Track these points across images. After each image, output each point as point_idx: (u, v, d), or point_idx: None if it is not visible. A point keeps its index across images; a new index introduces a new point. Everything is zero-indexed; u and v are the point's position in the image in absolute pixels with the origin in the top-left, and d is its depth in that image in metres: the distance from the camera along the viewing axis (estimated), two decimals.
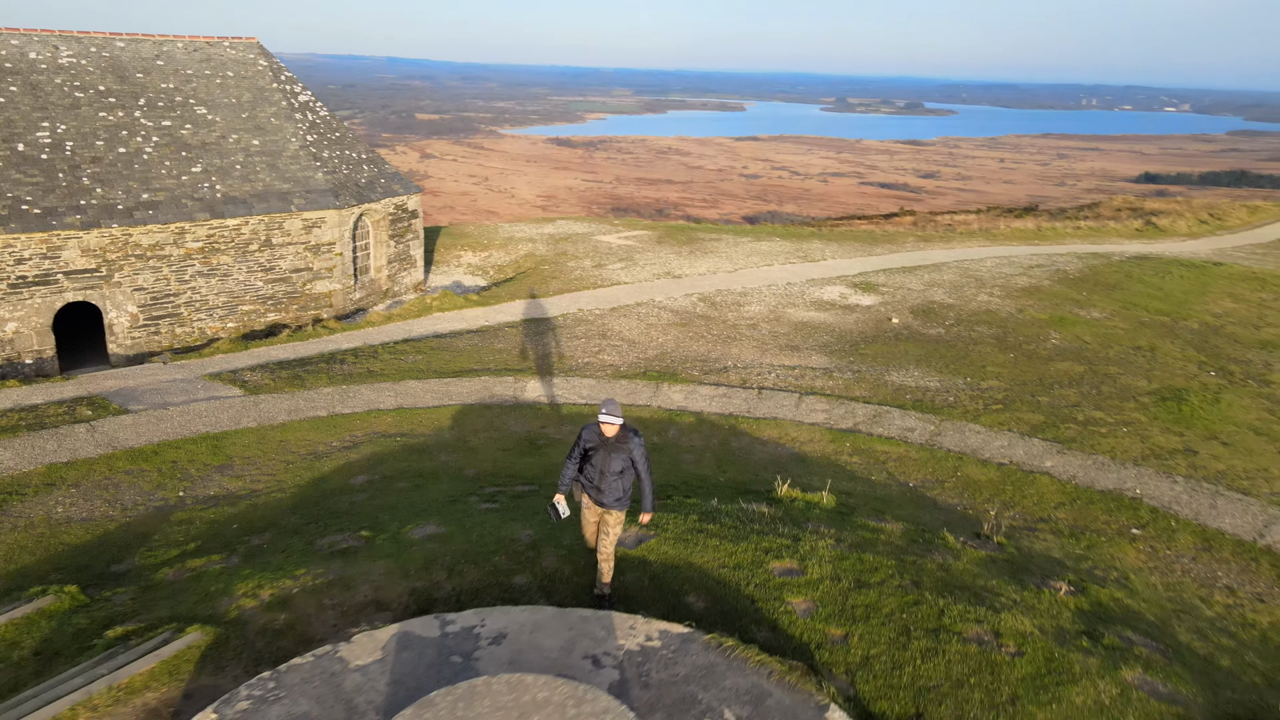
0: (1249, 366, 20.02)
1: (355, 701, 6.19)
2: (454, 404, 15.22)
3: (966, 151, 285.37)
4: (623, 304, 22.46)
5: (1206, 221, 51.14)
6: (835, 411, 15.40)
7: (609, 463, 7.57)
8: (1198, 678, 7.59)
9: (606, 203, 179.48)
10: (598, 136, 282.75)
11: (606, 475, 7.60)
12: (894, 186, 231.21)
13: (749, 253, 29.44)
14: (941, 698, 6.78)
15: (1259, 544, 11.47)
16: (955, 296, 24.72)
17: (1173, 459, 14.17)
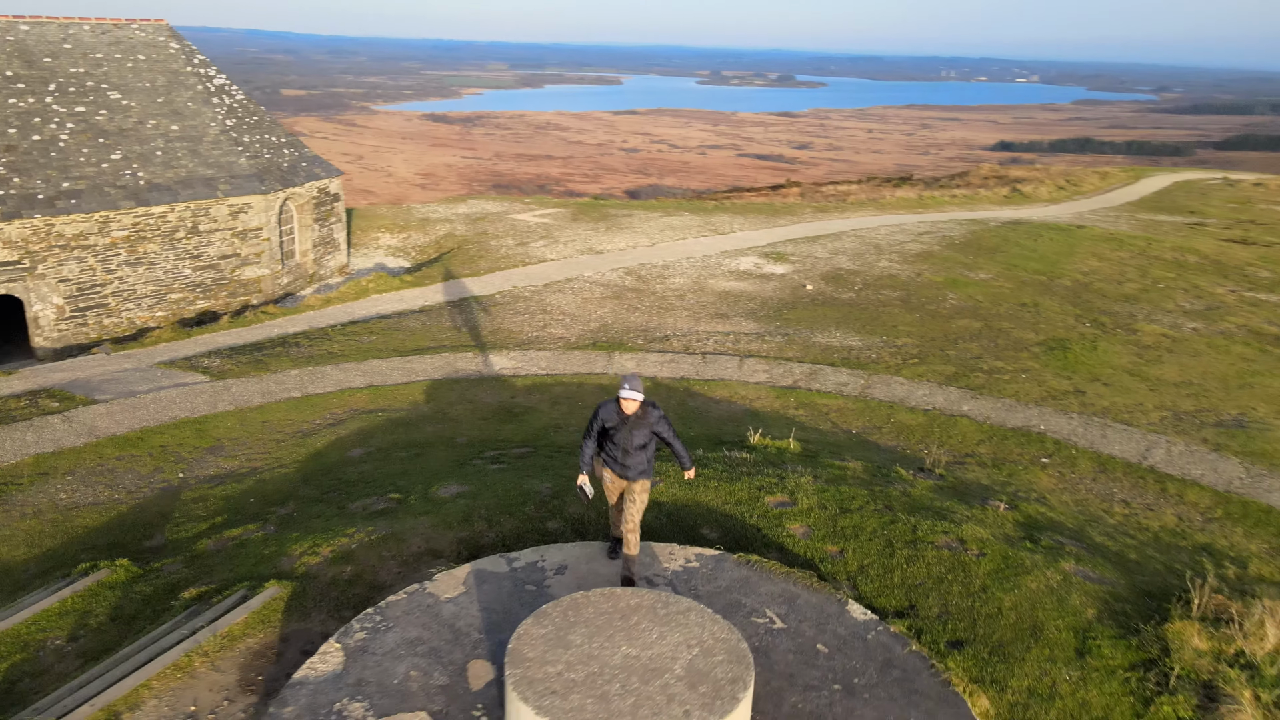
0: (1117, 318, 22.67)
1: (457, 625, 7.22)
2: (422, 380, 15.99)
3: (837, 123, 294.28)
4: (554, 280, 23.43)
5: (1064, 188, 55.42)
6: (775, 371, 16.94)
7: (631, 439, 7.49)
8: (1115, 566, 9.40)
9: (487, 179, 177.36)
10: (475, 112, 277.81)
11: (630, 451, 7.53)
12: (770, 158, 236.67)
13: (663, 227, 30.77)
14: (927, 592, 8.31)
15: (1144, 465, 13.62)
16: (859, 263, 26.72)
17: (1066, 399, 16.33)
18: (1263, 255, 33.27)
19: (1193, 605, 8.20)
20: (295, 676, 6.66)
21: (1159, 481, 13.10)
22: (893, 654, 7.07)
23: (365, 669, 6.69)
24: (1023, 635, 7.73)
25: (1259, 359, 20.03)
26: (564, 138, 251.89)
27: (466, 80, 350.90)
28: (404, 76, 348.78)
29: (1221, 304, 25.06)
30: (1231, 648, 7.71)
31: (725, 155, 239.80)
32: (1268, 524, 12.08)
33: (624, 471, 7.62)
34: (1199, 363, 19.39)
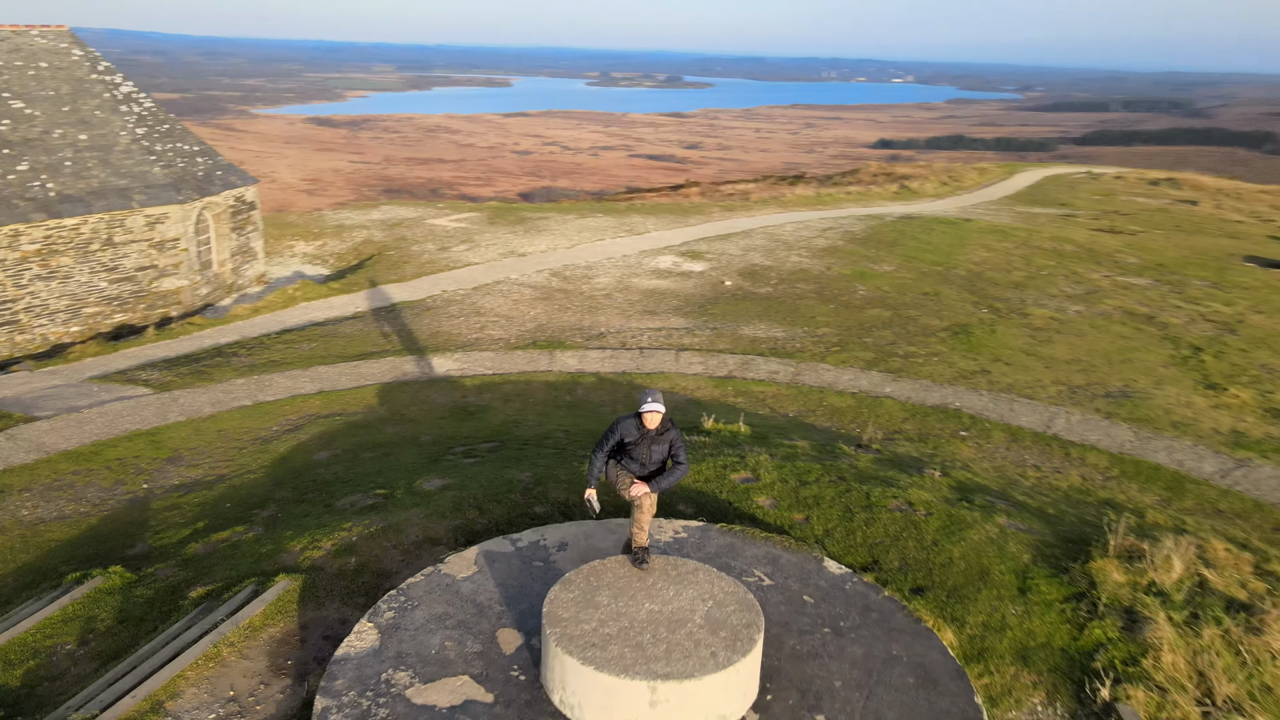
0: (1009, 303, 24.58)
1: (478, 600, 7.81)
2: (372, 383, 16.28)
3: (725, 122, 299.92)
4: (482, 283, 23.85)
5: (947, 183, 58.52)
6: (710, 363, 17.89)
7: (651, 454, 7.39)
8: (1039, 519, 10.66)
9: (378, 184, 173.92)
10: (361, 115, 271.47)
11: (648, 467, 7.42)
12: (662, 158, 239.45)
13: (579, 229, 31.46)
14: (887, 548, 9.34)
15: (1049, 433, 15.13)
16: (771, 259, 28.03)
17: (975, 378, 17.84)
18: (1129, 243, 36.22)
19: (1110, 546, 9.48)
20: (337, 653, 7.14)
21: (1063, 447, 14.61)
22: (869, 600, 8.03)
23: (402, 643, 7.23)
24: (973, 579, 8.83)
25: (1135, 336, 22.14)
26: (455, 141, 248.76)
27: (351, 82, 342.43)
28: (284, 79, 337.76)
29: (1098, 288, 27.38)
30: (1145, 579, 9.00)
31: (618, 156, 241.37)
32: (1156, 479, 13.69)
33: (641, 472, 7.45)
34: (1084, 341, 21.31)
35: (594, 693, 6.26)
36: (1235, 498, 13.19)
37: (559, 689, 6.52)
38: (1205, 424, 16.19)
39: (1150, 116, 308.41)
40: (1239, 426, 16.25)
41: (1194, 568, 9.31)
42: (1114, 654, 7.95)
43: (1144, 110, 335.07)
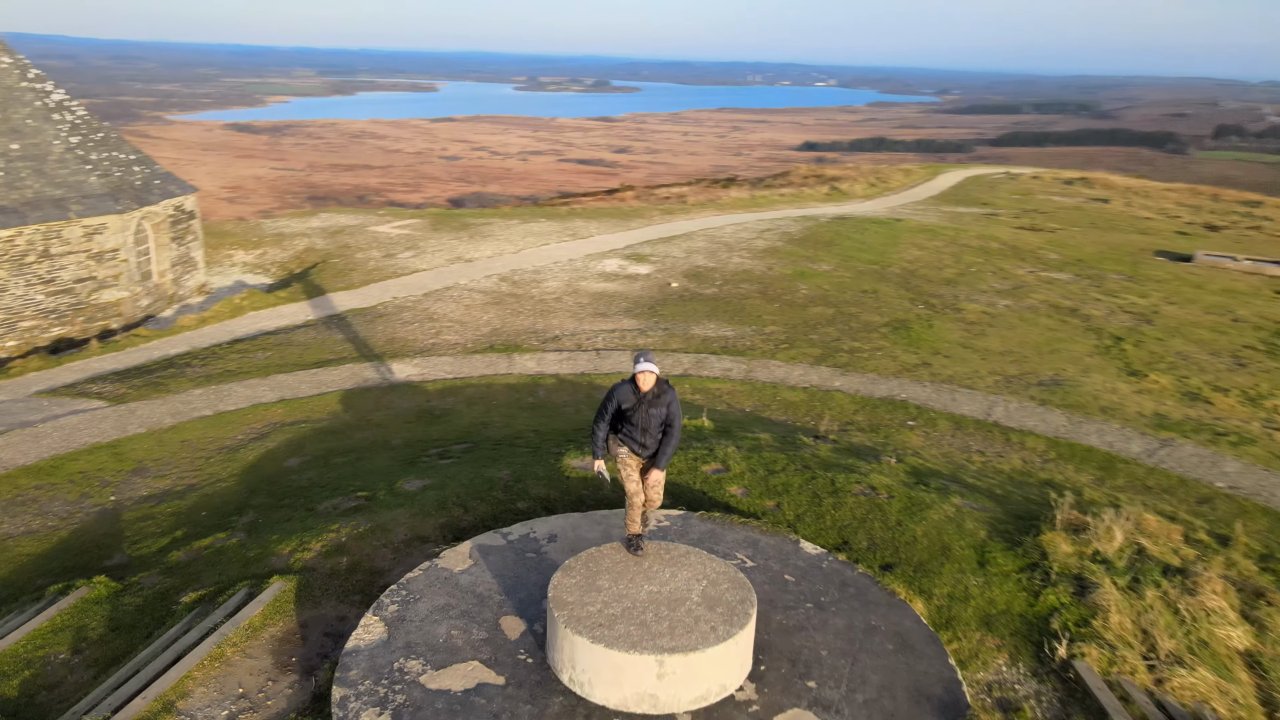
0: (943, 299, 25.65)
1: (477, 590, 8.13)
2: (333, 390, 16.33)
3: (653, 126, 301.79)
4: (432, 289, 23.94)
5: (875, 184, 60.18)
6: (665, 362, 18.38)
7: (650, 419, 7.39)
8: (990, 499, 11.40)
9: (302, 191, 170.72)
10: (283, 121, 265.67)
11: (649, 432, 7.41)
12: (592, 162, 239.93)
13: (524, 234, 31.68)
14: (855, 530, 9.93)
15: (989, 420, 16.00)
16: (714, 260, 28.68)
17: (917, 371, 18.68)
18: (1049, 240, 37.92)
19: (1056, 521, 10.24)
20: (348, 646, 7.39)
21: (1003, 433, 15.49)
22: (845, 577, 8.59)
23: (409, 634, 7.51)
24: (936, 555, 9.47)
25: (1061, 328, 23.35)
26: (381, 146, 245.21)
27: (272, 88, 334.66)
28: (201, 84, 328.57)
29: (1024, 283, 28.69)
30: (1090, 549, 9.76)
31: (547, 161, 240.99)
32: (1090, 460, 14.63)
33: (644, 452, 7.56)
34: (1015, 334, 22.42)
35: (604, 669, 6.66)
36: (1161, 475, 14.18)
37: (568, 668, 6.90)
38: (1130, 408, 17.27)
39: (1060, 118, 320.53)
40: (1160, 409, 17.38)
41: (1132, 537, 10.12)
42: (1067, 617, 8.65)
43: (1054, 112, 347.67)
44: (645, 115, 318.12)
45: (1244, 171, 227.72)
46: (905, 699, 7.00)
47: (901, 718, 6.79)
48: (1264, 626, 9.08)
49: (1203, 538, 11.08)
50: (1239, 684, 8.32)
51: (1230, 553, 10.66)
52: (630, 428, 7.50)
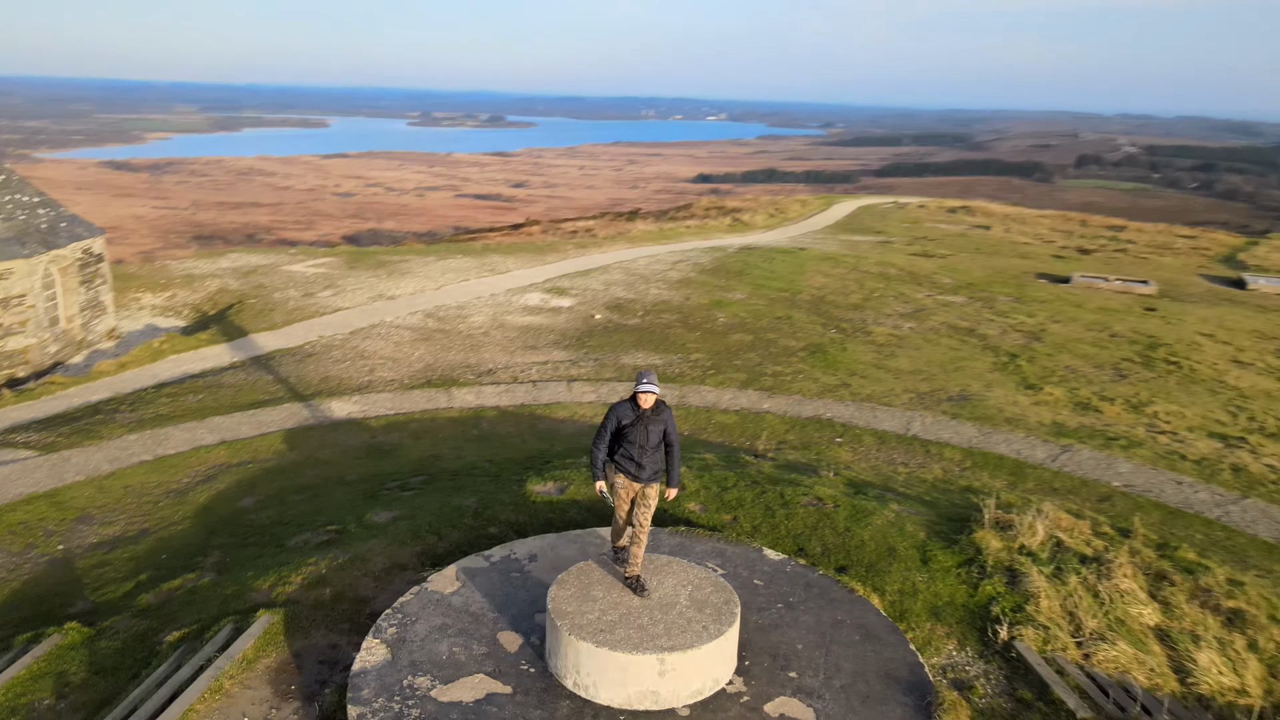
0: (853, 323, 27.09)
1: (470, 610, 8.53)
2: (275, 430, 16.31)
3: (550, 161, 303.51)
4: (358, 327, 23.97)
5: (774, 215, 62.39)
6: (601, 390, 19.00)
7: (648, 437, 7.68)
8: (922, 505, 12.39)
9: (186, 230, 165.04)
10: (164, 158, 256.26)
11: (646, 449, 7.71)
12: (490, 197, 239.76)
13: (443, 270, 31.89)
14: (809, 537, 10.72)
15: (909, 434, 17.17)
16: (633, 292, 29.52)
17: (838, 391, 19.82)
18: (941, 265, 40.24)
19: (985, 520, 11.28)
20: (355, 668, 7.70)
21: (923, 446, 16.66)
22: (809, 579, 9.34)
23: (413, 653, 7.87)
24: (884, 556, 10.34)
25: (962, 348, 25.00)
26: (270, 183, 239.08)
27: (150, 124, 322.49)
28: (72, 120, 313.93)
29: (924, 307, 30.50)
30: (1017, 544, 10.81)
31: (444, 196, 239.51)
32: (1002, 467, 15.90)
33: (639, 473, 7.80)
34: (921, 354, 23.91)
35: (609, 671, 7.19)
36: (1065, 477, 15.55)
37: (572, 673, 7.40)
38: (1032, 418, 18.76)
39: (938, 150, 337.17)
40: (1057, 419, 18.93)
41: (1051, 532, 11.24)
42: (1004, 604, 9.61)
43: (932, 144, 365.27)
44: (541, 150, 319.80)
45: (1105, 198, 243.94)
46: (876, 682, 7.75)
47: (875, 699, 7.54)
48: (1169, 604, 10.26)
49: (1107, 530, 12.32)
50: (1153, 655, 9.41)
51: (1132, 542, 11.91)
52: (628, 446, 7.76)
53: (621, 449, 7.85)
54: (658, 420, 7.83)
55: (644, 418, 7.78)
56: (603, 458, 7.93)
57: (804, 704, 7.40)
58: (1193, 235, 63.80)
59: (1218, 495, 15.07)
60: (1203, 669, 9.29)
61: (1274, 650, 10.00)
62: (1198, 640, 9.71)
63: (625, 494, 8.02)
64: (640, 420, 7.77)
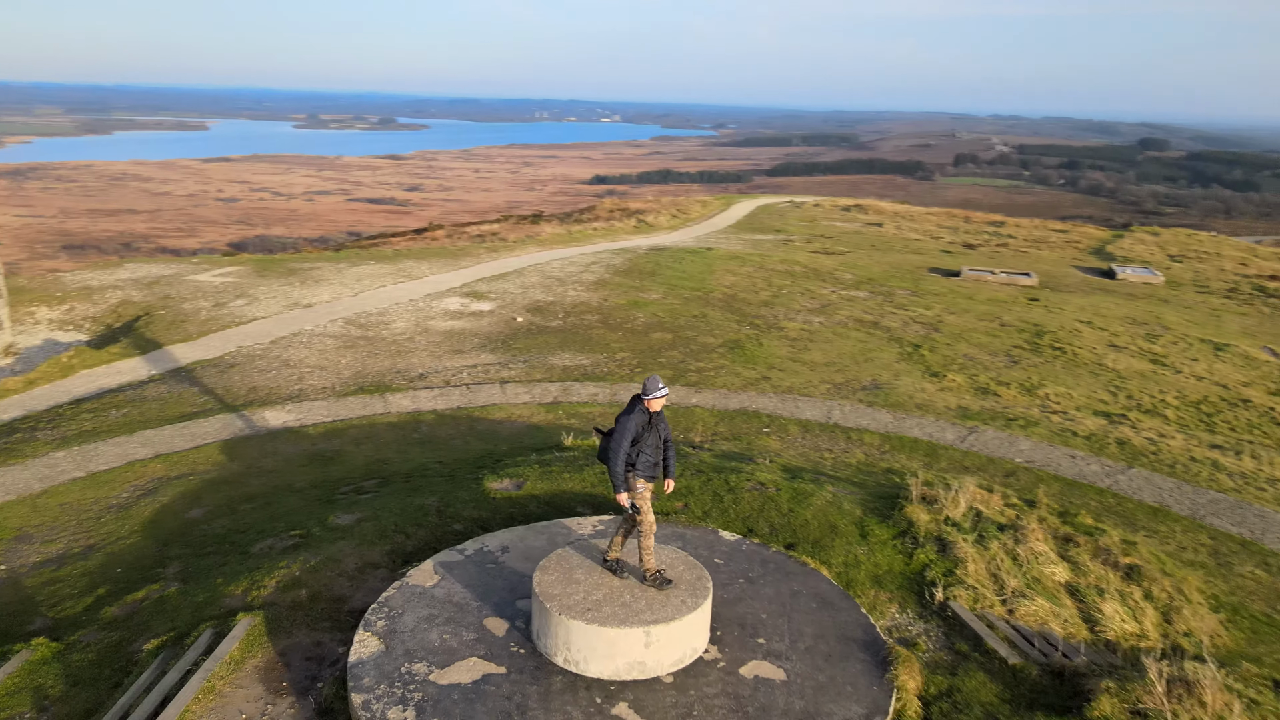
0: (765, 319, 28.22)
1: (454, 600, 8.96)
2: (212, 442, 16.17)
3: (444, 164, 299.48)
4: (279, 337, 23.71)
5: (677, 216, 63.58)
6: (534, 391, 19.45)
7: (658, 436, 8.37)
8: (853, 485, 13.35)
9: (55, 240, 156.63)
10: (26, 164, 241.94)
11: (658, 449, 8.41)
12: (384, 201, 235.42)
13: (357, 277, 31.63)
14: (756, 519, 11.51)
15: (830, 422, 18.24)
16: (551, 294, 29.98)
17: (760, 384, 20.79)
18: (842, 262, 42.03)
19: (913, 496, 12.30)
20: (351, 660, 8.05)
21: (844, 433, 17.75)
22: (764, 556, 10.11)
23: (405, 643, 8.26)
24: (827, 533, 11.21)
25: (869, 340, 26.42)
26: (146, 189, 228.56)
27: (10, 127, 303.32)
28: None
29: (830, 302, 31.94)
30: (942, 516, 11.86)
31: (335, 201, 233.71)
32: (917, 449, 17.10)
33: (654, 471, 8.41)
34: (833, 347, 25.18)
35: (598, 645, 7.77)
36: (974, 456, 16.85)
37: (563, 650, 7.94)
38: (939, 404, 20.13)
39: (825, 149, 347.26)
40: (961, 403, 20.35)
41: (971, 504, 12.35)
42: (937, 570, 10.60)
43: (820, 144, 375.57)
44: (435, 153, 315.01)
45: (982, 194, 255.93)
46: (836, 643, 8.56)
47: (836, 657, 8.34)
48: (1076, 563, 11.47)
49: (1016, 502, 13.56)
50: (1066, 608, 10.55)
51: (1038, 511, 13.17)
52: (647, 449, 8.28)
53: (642, 455, 8.30)
54: (661, 421, 8.45)
55: (654, 421, 8.35)
56: (623, 471, 8.31)
57: (774, 666, 8.14)
58: (1065, 229, 68.08)
59: (1106, 466, 16.61)
60: (1108, 618, 10.47)
61: (1166, 599, 11.32)
62: (1102, 593, 10.91)
63: (648, 494, 8.47)
64: (650, 426, 8.33)
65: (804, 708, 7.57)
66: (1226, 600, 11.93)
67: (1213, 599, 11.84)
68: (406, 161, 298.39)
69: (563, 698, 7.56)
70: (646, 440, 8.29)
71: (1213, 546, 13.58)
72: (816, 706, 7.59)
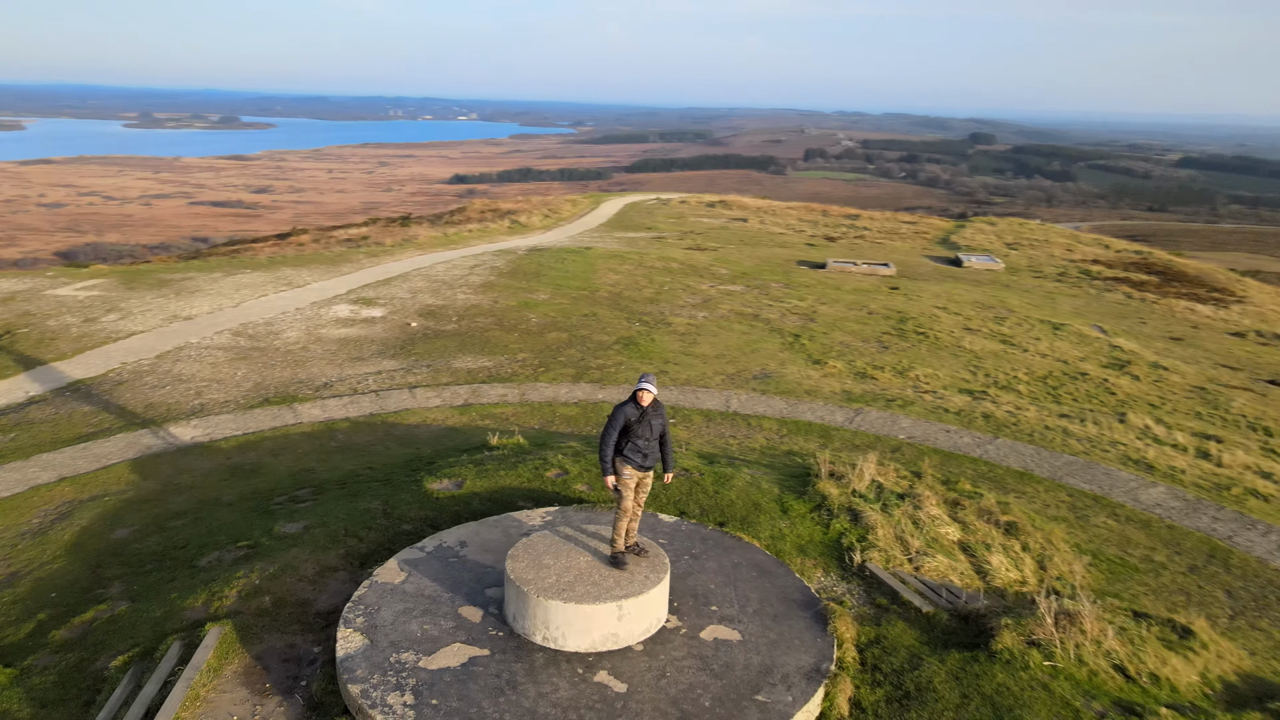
0: (653, 316, 29.33)
1: (425, 594, 9.49)
2: (119, 462, 15.79)
3: (294, 164, 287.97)
4: (164, 351, 23.02)
5: (549, 216, 64.13)
6: (444, 395, 19.80)
7: (652, 429, 8.86)
8: (765, 467, 14.51)
9: None
10: None
11: (651, 441, 8.89)
12: (230, 204, 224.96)
13: (236, 286, 30.78)
14: (687, 502, 12.48)
15: (730, 411, 19.46)
16: (441, 298, 30.14)
17: (660, 378, 21.81)
18: (716, 258, 43.74)
19: (822, 473, 13.56)
20: (339, 655, 8.49)
21: (744, 420, 18.99)
22: (702, 533, 11.07)
23: (387, 635, 8.76)
24: (751, 511, 12.29)
25: (752, 332, 27.93)
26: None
27: None
28: None
29: (710, 297, 33.39)
30: (850, 489, 13.16)
31: (176, 205, 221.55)
32: (812, 431, 18.52)
33: (644, 462, 8.96)
34: (720, 340, 26.53)
35: (575, 622, 8.51)
36: (863, 435, 18.41)
37: (541, 629, 8.63)
38: (825, 389, 21.70)
39: (682, 146, 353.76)
40: (844, 388, 22.01)
41: (873, 478, 13.72)
42: (852, 537, 11.85)
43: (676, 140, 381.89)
44: (283, 153, 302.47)
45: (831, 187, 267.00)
46: (779, 605, 9.61)
47: (782, 616, 9.38)
48: (965, 524, 12.99)
49: (906, 474, 15.05)
50: (961, 563, 12.00)
51: (925, 481, 14.70)
52: (636, 440, 8.88)
53: (630, 444, 8.90)
54: (657, 415, 9.00)
55: (646, 414, 8.93)
56: (610, 457, 8.94)
57: (730, 629, 9.10)
58: (914, 221, 72.58)
59: (976, 438, 18.49)
60: (995, 569, 11.99)
61: (1039, 549, 12.99)
62: (988, 548, 12.45)
63: (632, 482, 9.09)
64: (644, 417, 8.92)
65: (761, 662, 8.56)
66: (1087, 547, 13.74)
67: (1076, 547, 13.62)
68: (253, 162, 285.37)
69: (547, 671, 8.27)
70: (638, 432, 8.87)
71: (1071, 502, 15.49)
72: (772, 660, 8.60)
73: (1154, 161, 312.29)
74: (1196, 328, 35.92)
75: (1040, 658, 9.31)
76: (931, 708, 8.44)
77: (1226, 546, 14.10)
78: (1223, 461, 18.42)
